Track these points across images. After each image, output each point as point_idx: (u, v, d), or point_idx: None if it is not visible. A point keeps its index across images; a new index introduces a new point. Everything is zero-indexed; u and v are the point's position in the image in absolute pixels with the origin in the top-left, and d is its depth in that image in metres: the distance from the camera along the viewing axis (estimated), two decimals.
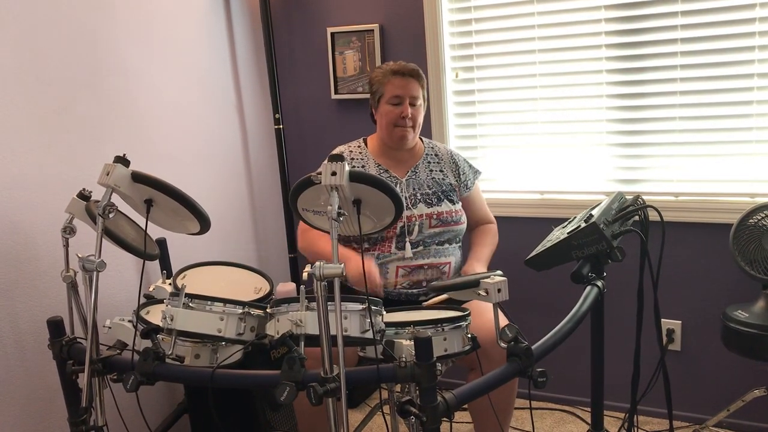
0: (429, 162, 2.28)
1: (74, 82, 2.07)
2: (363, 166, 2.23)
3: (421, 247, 2.16)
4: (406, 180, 2.23)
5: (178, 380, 1.66)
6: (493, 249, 2.32)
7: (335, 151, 2.33)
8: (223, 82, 2.75)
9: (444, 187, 2.25)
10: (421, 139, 2.32)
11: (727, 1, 2.26)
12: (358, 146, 2.30)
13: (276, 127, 2.94)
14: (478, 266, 2.16)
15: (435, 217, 2.18)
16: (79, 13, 2.08)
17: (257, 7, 2.89)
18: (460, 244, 2.28)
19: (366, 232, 1.64)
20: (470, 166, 2.35)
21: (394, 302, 2.16)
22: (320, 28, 2.87)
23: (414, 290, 2.16)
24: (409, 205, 2.18)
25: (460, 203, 2.28)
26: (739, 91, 2.31)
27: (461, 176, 2.30)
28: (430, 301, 1.98)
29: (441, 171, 2.27)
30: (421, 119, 2.22)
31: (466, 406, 2.49)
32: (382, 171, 2.23)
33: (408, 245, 2.15)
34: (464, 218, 2.26)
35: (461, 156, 2.35)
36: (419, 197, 2.20)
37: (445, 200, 2.22)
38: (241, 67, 2.86)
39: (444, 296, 2.03)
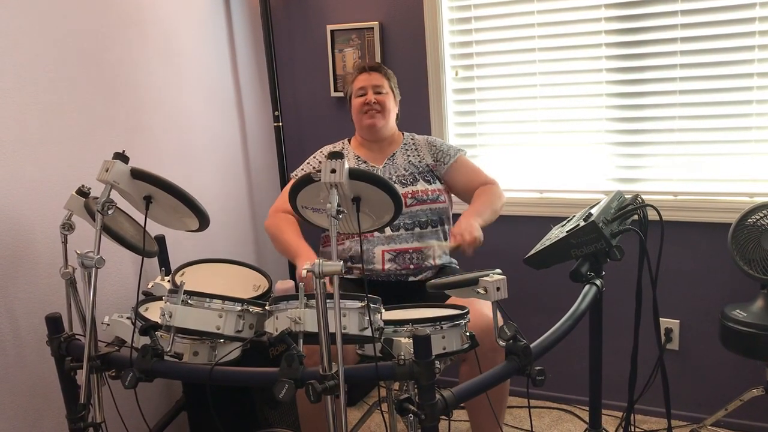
0: (407, 149, 2.36)
1: (73, 79, 2.06)
2: None
3: (402, 230, 2.20)
4: (383, 167, 2.32)
5: (176, 377, 1.66)
6: (494, 205, 2.24)
7: (321, 150, 2.45)
8: (222, 79, 2.75)
9: (420, 168, 2.31)
10: (402, 133, 2.42)
11: (727, 0, 2.26)
12: (342, 144, 2.42)
13: (275, 124, 2.94)
14: (472, 218, 2.12)
15: (410, 195, 2.24)
16: (79, 10, 2.08)
17: (257, 5, 2.89)
18: (446, 228, 2.30)
19: (365, 230, 1.64)
20: (450, 146, 2.37)
21: (384, 284, 2.22)
22: (320, 26, 2.87)
23: (403, 271, 2.20)
24: None
25: (438, 183, 2.31)
26: (738, 91, 2.31)
27: (438, 154, 2.34)
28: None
29: (418, 155, 2.35)
30: (390, 105, 2.30)
31: (463, 404, 2.50)
32: (360, 162, 2.33)
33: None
34: (444, 198, 2.30)
35: (440, 139, 2.42)
36: (395, 179, 2.28)
37: (420, 180, 2.28)
38: (240, 65, 2.86)
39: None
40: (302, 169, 2.40)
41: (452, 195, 2.41)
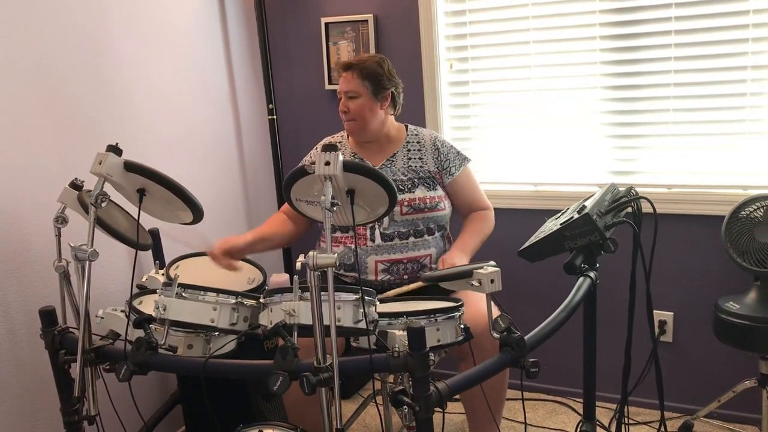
0: (409, 150, 2.23)
1: (67, 72, 2.05)
2: None
3: (397, 240, 2.13)
4: (379, 168, 2.19)
5: (170, 370, 1.66)
6: (484, 236, 2.25)
7: (322, 142, 2.37)
8: (216, 72, 2.74)
9: (421, 174, 2.19)
10: (405, 127, 2.29)
11: None
12: (341, 137, 2.33)
13: (269, 117, 2.93)
14: (458, 257, 2.09)
15: (406, 203, 2.13)
16: (72, 3, 2.06)
17: None
18: (443, 232, 2.23)
19: (359, 223, 1.64)
20: (457, 153, 2.25)
21: (379, 292, 2.17)
22: (314, 18, 2.86)
23: (397, 282, 2.15)
24: None
25: (440, 190, 2.20)
26: (732, 83, 2.32)
27: (443, 162, 2.21)
28: (402, 288, 2.01)
29: (420, 158, 2.21)
30: (364, 111, 2.12)
31: (458, 396, 2.51)
32: (356, 160, 2.23)
33: (377, 232, 2.13)
34: (444, 205, 2.18)
35: (447, 142, 2.27)
36: None
37: (420, 186, 2.16)
38: (234, 58, 2.84)
39: (416, 285, 2.03)
40: (305, 161, 2.38)
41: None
